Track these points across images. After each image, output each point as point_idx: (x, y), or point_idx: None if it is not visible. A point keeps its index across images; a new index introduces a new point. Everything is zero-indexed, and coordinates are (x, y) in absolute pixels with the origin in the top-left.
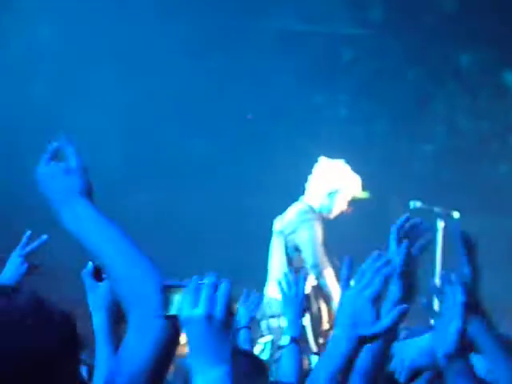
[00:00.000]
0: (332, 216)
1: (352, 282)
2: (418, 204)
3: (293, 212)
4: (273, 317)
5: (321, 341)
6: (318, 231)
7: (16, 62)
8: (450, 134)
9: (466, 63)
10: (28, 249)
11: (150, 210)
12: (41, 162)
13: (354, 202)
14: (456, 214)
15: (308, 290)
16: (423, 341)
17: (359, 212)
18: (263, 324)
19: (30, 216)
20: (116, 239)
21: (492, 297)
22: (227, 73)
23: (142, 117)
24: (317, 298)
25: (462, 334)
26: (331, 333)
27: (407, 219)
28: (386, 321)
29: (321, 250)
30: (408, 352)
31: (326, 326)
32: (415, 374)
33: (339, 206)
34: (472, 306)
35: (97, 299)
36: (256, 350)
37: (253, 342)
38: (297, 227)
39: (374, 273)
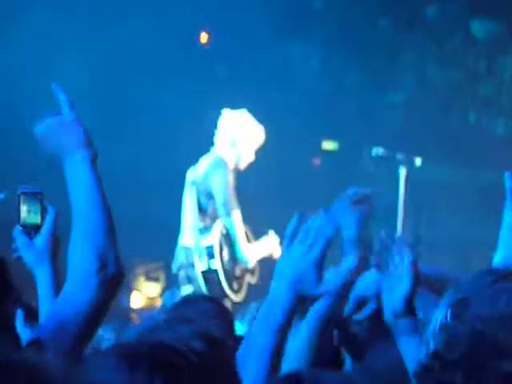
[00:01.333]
0: (242, 166)
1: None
2: (381, 151)
3: (205, 162)
4: (191, 266)
5: (235, 286)
6: (229, 177)
7: None
8: (419, 84)
9: (434, 12)
10: None
11: (117, 162)
12: (37, 122)
13: (324, 154)
14: (418, 161)
15: (217, 236)
16: (370, 273)
17: (330, 163)
18: (181, 274)
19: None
20: (90, 203)
21: (462, 240)
22: (195, 24)
23: (109, 67)
24: (227, 243)
25: (411, 295)
26: (246, 279)
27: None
28: (329, 286)
29: (231, 192)
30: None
31: (237, 271)
32: (361, 303)
33: (246, 156)
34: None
35: (37, 255)
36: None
37: None
38: (209, 173)
39: (316, 234)
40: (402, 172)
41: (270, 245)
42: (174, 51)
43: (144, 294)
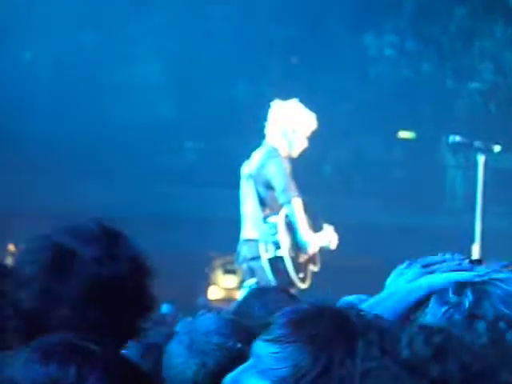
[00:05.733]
0: (294, 154)
1: None
2: (458, 138)
3: (259, 154)
4: (253, 259)
5: (301, 275)
6: (285, 165)
7: (65, 8)
8: (496, 72)
9: None
10: None
11: (201, 156)
12: None
13: (401, 143)
14: (497, 148)
15: (282, 221)
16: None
17: (407, 152)
18: (244, 267)
19: None
20: None
21: None
22: (273, 13)
23: (189, 63)
24: (289, 230)
25: None
26: (309, 267)
27: None
28: None
29: (290, 179)
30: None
31: (301, 259)
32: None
33: (299, 144)
34: None
35: None
36: (242, 294)
37: None
38: (265, 163)
39: None
40: (481, 160)
41: (328, 235)
42: (251, 41)
43: (222, 286)
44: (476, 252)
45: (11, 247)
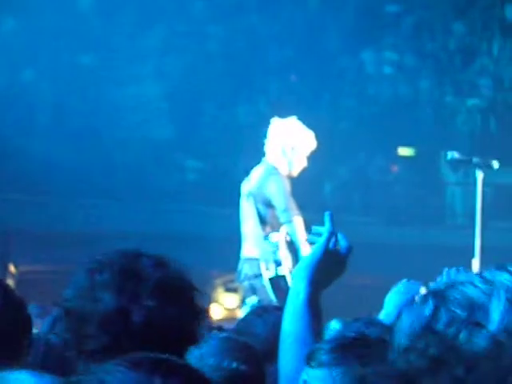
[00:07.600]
0: (294, 173)
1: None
2: (456, 155)
3: (258, 172)
4: (255, 277)
5: None
6: (286, 183)
7: (65, 28)
8: (496, 88)
9: (511, 14)
10: None
11: (201, 175)
12: None
13: (401, 160)
14: (496, 164)
15: (282, 240)
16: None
17: (408, 169)
18: (245, 285)
19: None
20: None
21: None
22: (271, 32)
23: (188, 84)
24: (291, 249)
25: None
26: None
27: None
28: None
29: (290, 198)
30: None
31: None
32: None
33: (298, 163)
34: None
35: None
36: (243, 312)
37: None
38: (264, 181)
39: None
40: (479, 176)
41: None
42: (248, 60)
43: (223, 305)
44: (476, 267)
45: (12, 268)
